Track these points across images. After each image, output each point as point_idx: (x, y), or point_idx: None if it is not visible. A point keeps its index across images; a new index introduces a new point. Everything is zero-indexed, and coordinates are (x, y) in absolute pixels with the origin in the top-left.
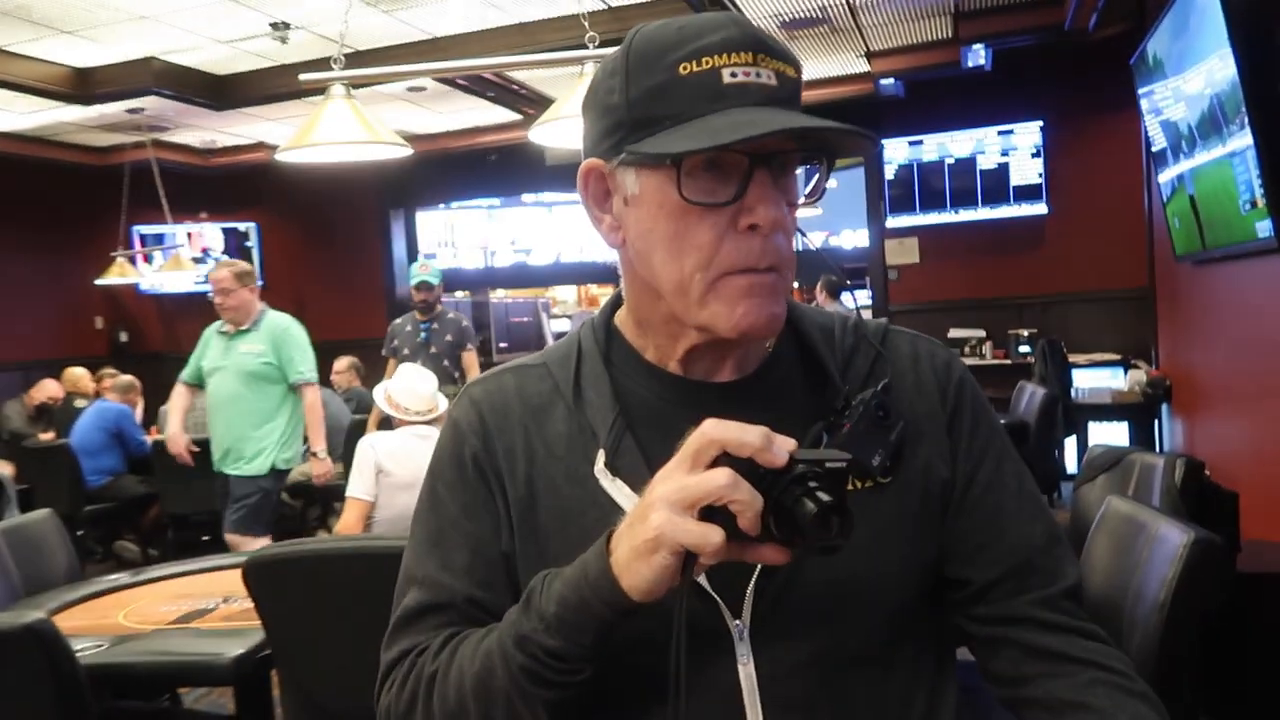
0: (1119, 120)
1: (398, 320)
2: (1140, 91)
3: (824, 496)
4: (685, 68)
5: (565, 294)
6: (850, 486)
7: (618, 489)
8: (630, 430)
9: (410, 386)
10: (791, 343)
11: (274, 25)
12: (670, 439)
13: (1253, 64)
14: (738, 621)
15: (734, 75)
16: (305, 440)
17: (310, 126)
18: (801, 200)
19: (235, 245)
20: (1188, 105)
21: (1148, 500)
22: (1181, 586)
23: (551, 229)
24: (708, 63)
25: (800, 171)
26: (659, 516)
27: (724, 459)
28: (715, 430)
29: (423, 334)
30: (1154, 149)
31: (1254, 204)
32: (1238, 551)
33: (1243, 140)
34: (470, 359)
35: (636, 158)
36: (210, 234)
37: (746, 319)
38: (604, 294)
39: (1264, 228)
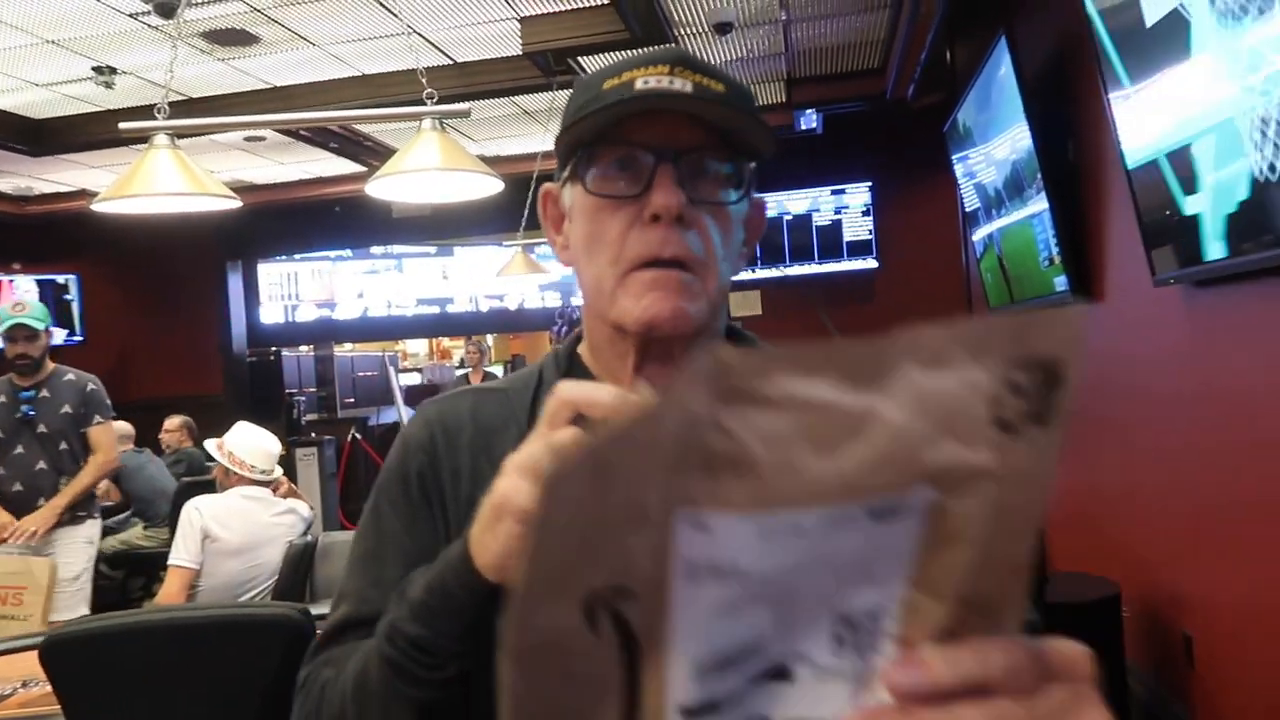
0: (939, 183)
1: None
2: (954, 157)
3: None
4: (608, 84)
5: (416, 347)
6: None
7: None
8: None
9: (257, 443)
10: None
11: (98, 69)
12: None
13: (1045, 135)
14: None
15: (645, 83)
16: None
17: (130, 177)
18: (730, 201)
19: (53, 298)
20: (995, 170)
21: None
22: None
23: (391, 282)
24: (626, 76)
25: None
26: (503, 482)
27: (579, 421)
28: (566, 390)
29: (24, 408)
30: (968, 210)
31: (1052, 261)
32: (1045, 582)
33: (1040, 204)
34: (102, 436)
35: (568, 173)
36: (24, 286)
37: (649, 310)
38: (455, 346)
39: (1061, 282)
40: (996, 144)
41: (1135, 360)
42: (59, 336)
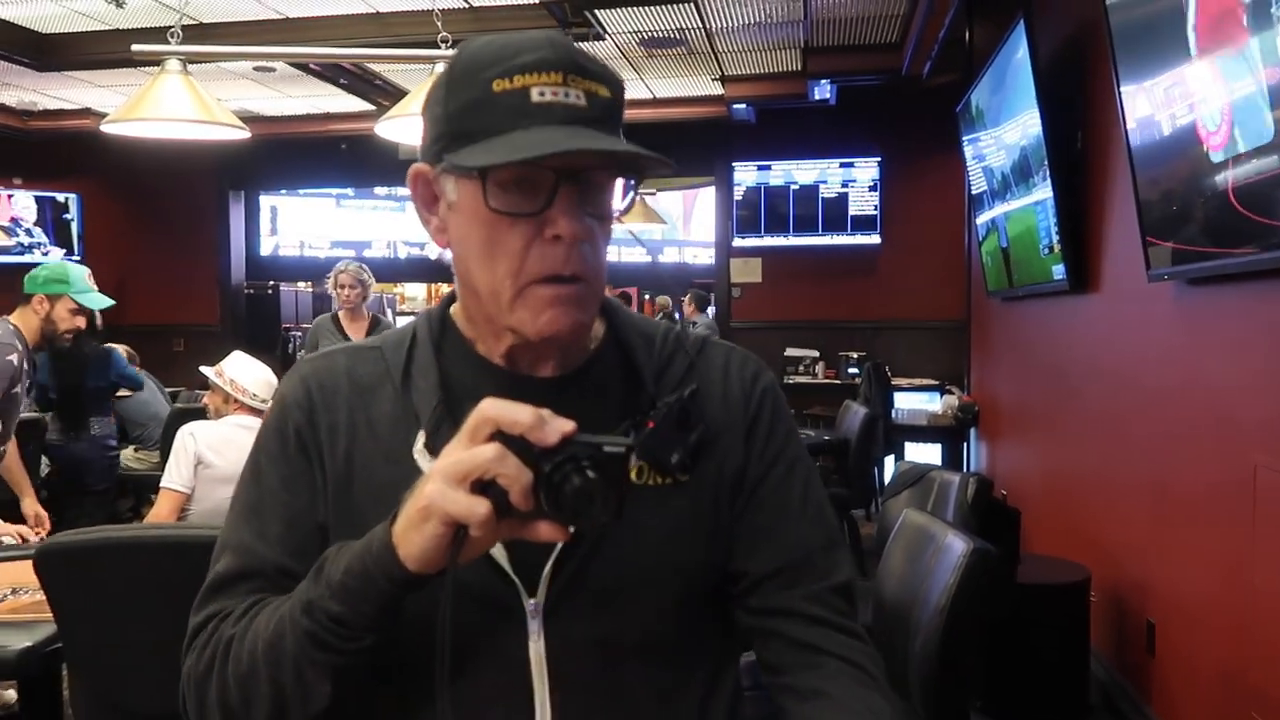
0: (947, 163)
1: None
2: (965, 138)
3: (591, 474)
4: (498, 85)
5: (414, 290)
6: (650, 482)
7: None
8: (451, 416)
9: (259, 373)
10: (614, 346)
11: None
12: None
13: (1056, 123)
14: (532, 600)
15: (542, 94)
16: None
17: (140, 100)
18: (616, 214)
19: (52, 216)
20: (1004, 154)
21: (944, 514)
22: (960, 591)
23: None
24: (519, 81)
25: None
26: (431, 487)
27: (499, 436)
28: (490, 408)
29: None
30: (973, 192)
31: (1052, 249)
32: (1018, 564)
33: (1044, 192)
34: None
35: (453, 167)
36: (23, 202)
37: (551, 325)
38: None
39: (1059, 271)
40: (1007, 128)
41: (1124, 353)
42: (57, 255)
